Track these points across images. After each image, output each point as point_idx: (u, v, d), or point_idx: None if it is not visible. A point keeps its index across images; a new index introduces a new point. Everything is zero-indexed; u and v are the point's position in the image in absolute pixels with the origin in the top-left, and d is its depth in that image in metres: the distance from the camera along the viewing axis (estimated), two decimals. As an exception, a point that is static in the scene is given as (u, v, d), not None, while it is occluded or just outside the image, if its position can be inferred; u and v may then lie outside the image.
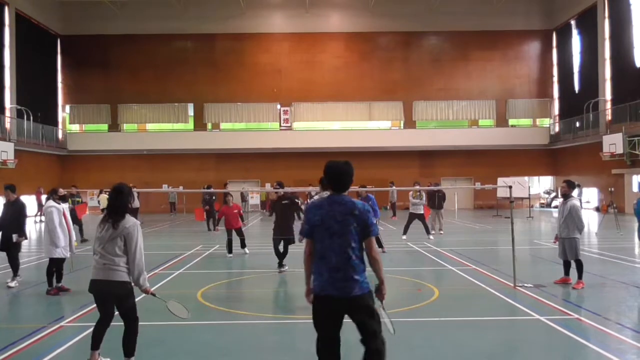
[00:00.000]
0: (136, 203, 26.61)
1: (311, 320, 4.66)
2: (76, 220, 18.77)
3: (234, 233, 15.11)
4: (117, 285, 5.57)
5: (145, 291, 5.74)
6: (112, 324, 5.81)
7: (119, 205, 5.69)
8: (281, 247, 12.36)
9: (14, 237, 10.58)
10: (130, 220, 5.64)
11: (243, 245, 15.36)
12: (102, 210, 25.75)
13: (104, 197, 26.46)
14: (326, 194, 8.54)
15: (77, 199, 20.31)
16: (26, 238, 10.99)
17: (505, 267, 11.52)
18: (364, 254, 4.52)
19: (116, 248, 5.54)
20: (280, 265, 12.42)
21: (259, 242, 18.25)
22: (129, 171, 36.87)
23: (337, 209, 4.48)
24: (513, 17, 39.49)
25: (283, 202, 12.79)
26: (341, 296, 4.38)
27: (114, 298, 5.65)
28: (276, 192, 13.10)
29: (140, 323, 5.83)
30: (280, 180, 14.08)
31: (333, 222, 4.45)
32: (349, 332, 4.72)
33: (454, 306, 8.90)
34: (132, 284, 5.68)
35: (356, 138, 38.45)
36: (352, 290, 4.38)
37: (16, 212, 10.65)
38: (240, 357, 6.51)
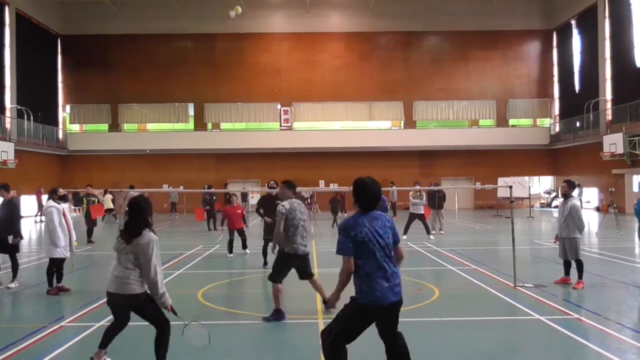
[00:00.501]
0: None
1: (312, 320, 4.70)
2: (90, 221, 18.76)
3: (235, 234, 15.12)
4: (129, 298, 5.46)
5: (166, 307, 5.51)
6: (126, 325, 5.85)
7: (136, 223, 5.50)
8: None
9: (10, 238, 10.49)
10: (145, 237, 5.43)
11: (244, 246, 15.37)
12: (106, 210, 25.73)
13: (109, 198, 26.43)
14: (297, 202, 8.33)
15: (93, 199, 20.15)
16: (22, 238, 10.89)
17: (506, 267, 11.52)
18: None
19: (128, 262, 5.43)
20: (266, 264, 12.83)
21: (259, 242, 18.22)
22: (129, 171, 36.90)
23: (377, 224, 4.84)
24: (513, 17, 39.50)
25: (277, 202, 12.79)
26: (397, 300, 4.80)
27: (130, 310, 5.63)
28: (270, 191, 13.07)
29: (140, 323, 5.79)
30: (274, 179, 14.08)
31: (378, 237, 4.79)
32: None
33: (454, 306, 8.90)
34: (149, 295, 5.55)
35: (356, 138, 38.47)
36: (401, 293, 4.86)
37: (9, 212, 10.55)
38: (241, 357, 6.51)
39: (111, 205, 26.40)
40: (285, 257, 8.08)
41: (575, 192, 11.67)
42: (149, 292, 5.50)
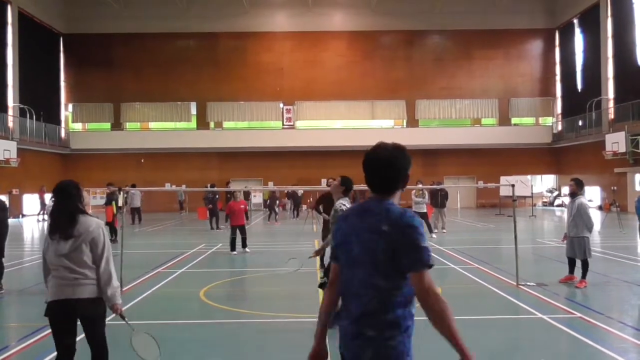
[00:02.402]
0: (136, 203, 26.72)
1: (313, 319, 4.48)
2: (106, 222, 18.24)
3: (237, 232, 15.14)
4: (90, 303, 4.47)
5: (114, 308, 4.56)
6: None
7: (66, 210, 4.53)
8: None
9: None
10: (92, 222, 4.53)
11: (244, 245, 15.35)
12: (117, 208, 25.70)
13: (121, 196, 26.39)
14: (343, 204, 6.80)
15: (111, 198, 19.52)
16: None
17: (508, 266, 11.50)
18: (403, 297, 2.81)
19: (85, 257, 4.44)
20: (323, 266, 12.42)
21: (262, 240, 18.27)
22: (132, 170, 36.93)
23: (367, 221, 2.82)
24: (516, 16, 39.43)
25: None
26: None
27: (87, 321, 4.57)
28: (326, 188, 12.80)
29: (142, 322, 5.74)
30: (332, 177, 13.87)
31: (355, 243, 2.82)
32: None
33: (456, 305, 8.80)
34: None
35: (359, 137, 38.34)
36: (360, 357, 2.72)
37: None
38: (242, 356, 6.52)
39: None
40: None
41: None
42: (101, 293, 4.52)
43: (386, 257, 2.68)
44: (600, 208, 32.80)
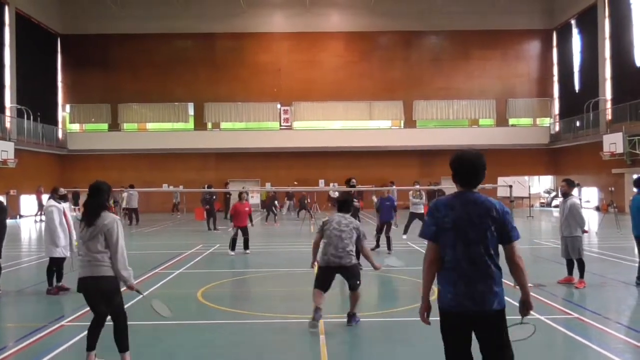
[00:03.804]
0: (133, 203, 26.71)
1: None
2: None
3: (239, 233, 15.13)
4: (104, 280, 5.57)
5: (130, 287, 5.74)
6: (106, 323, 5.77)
7: (95, 204, 5.70)
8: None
9: None
10: (109, 216, 5.63)
11: (246, 247, 15.32)
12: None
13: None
14: (339, 215, 7.66)
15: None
16: None
17: (505, 267, 11.47)
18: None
19: (98, 245, 5.56)
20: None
21: (260, 241, 18.25)
22: (129, 171, 36.85)
23: (472, 209, 3.94)
24: (513, 17, 39.46)
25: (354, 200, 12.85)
26: (478, 310, 4.00)
27: (103, 294, 5.63)
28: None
29: (139, 322, 5.81)
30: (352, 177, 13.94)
31: (469, 226, 3.94)
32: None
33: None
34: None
35: (356, 137, 38.46)
36: (492, 304, 4.02)
37: None
38: (240, 356, 6.51)
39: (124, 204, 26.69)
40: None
41: (575, 192, 11.66)
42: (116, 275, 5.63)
43: (495, 234, 3.98)
44: (597, 209, 32.83)
